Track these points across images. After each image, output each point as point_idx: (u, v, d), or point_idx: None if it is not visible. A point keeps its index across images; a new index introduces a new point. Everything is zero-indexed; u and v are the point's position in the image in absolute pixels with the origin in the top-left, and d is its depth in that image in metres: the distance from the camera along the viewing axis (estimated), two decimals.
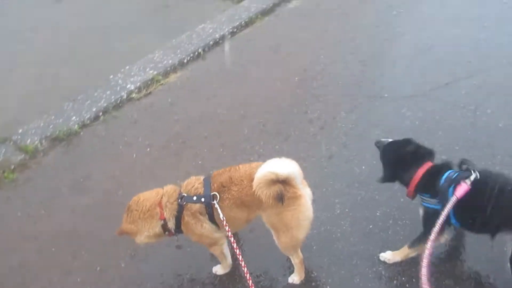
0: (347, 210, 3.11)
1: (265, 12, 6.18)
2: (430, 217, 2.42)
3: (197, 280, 2.86)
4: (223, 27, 5.82)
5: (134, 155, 3.96)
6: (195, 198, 2.53)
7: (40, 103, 4.61)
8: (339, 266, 2.78)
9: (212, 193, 2.50)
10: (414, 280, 2.56)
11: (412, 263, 2.61)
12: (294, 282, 2.74)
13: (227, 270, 2.86)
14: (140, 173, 3.75)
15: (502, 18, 5.04)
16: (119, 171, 3.80)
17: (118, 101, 4.66)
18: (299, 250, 2.65)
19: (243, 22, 5.92)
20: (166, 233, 2.63)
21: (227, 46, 5.51)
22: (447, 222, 2.37)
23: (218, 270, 2.87)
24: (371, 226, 2.98)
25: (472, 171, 2.34)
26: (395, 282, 2.64)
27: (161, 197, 2.60)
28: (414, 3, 5.63)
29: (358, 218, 3.04)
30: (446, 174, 2.41)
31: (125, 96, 4.71)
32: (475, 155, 3.16)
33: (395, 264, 2.70)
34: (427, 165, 2.50)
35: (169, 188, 2.65)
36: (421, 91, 4.07)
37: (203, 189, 2.55)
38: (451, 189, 2.33)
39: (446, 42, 4.72)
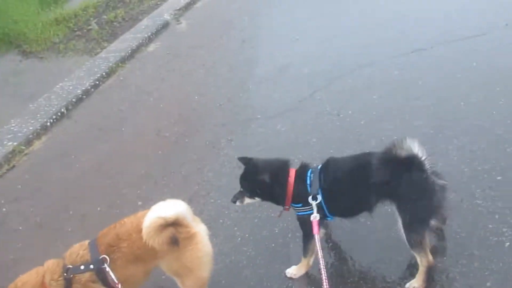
0: (247, 235, 3.08)
1: (124, 60, 6.09)
2: (306, 222, 2.49)
3: None
4: (84, 81, 5.58)
5: (9, 237, 3.51)
6: (82, 267, 2.28)
7: None
8: None
9: (100, 257, 2.28)
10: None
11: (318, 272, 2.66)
12: None
13: None
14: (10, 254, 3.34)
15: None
16: None
17: None
18: None
19: (104, 73, 5.75)
20: None
21: (92, 99, 5.29)
22: (322, 218, 2.46)
23: None
24: (273, 245, 2.98)
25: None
26: None
27: (43, 276, 2.28)
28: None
29: (259, 240, 3.03)
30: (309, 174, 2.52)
31: None
32: (348, 152, 3.39)
33: (303, 276, 2.72)
34: (293, 171, 2.56)
35: (50, 263, 2.35)
36: (290, 106, 4.28)
37: (89, 254, 2.31)
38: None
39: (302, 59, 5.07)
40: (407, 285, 2.45)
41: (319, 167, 2.56)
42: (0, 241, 3.51)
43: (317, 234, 2.38)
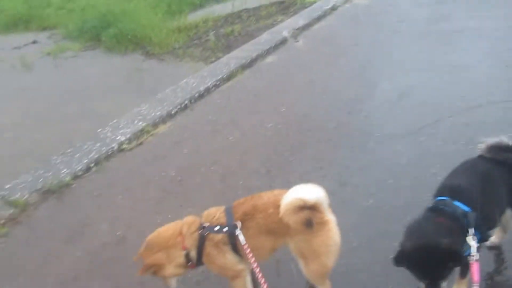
0: (364, 241, 3.10)
1: (244, 67, 6.43)
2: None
3: None
4: (206, 80, 5.97)
5: (132, 202, 3.83)
6: (217, 228, 2.46)
7: (23, 162, 4.48)
8: None
9: (234, 222, 2.44)
10: None
11: None
12: None
13: None
14: (140, 218, 3.62)
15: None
16: (118, 219, 3.65)
17: (110, 152, 4.57)
18: (327, 279, 2.57)
19: (224, 76, 6.11)
20: (189, 263, 2.50)
21: (212, 97, 5.64)
22: None
23: None
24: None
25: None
26: None
27: (181, 228, 2.52)
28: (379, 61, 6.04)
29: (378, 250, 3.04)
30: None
31: (116, 147, 4.63)
32: None
33: None
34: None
35: (189, 218, 2.57)
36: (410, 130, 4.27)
37: (225, 218, 2.48)
38: None
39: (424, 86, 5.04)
40: None
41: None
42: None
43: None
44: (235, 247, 2.45)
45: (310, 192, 2.33)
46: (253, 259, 2.37)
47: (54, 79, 6.74)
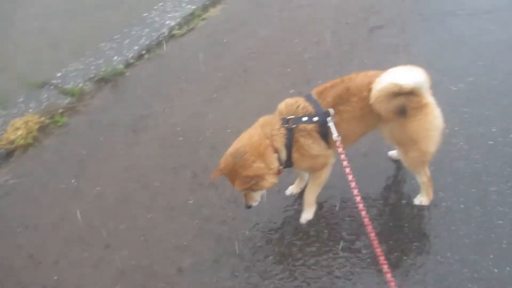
0: (456, 128, 2.80)
1: None
2: None
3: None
4: None
5: (196, 87, 3.58)
6: (305, 118, 2.19)
7: (68, 48, 4.17)
8: (467, 185, 2.50)
9: (327, 110, 2.17)
10: None
11: None
12: (423, 204, 2.44)
13: (314, 208, 2.49)
14: (205, 103, 3.41)
15: None
16: (181, 106, 3.44)
17: (160, 38, 4.22)
18: (427, 167, 2.34)
19: None
20: (280, 167, 2.26)
21: None
22: None
23: (307, 215, 2.49)
24: (490, 142, 2.69)
25: None
26: None
27: (262, 130, 2.23)
28: None
29: (473, 135, 2.75)
30: None
31: (166, 33, 4.27)
32: None
33: None
34: None
35: (264, 119, 2.28)
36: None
37: (311, 107, 2.20)
38: None
39: None
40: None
41: None
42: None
43: None
44: (325, 135, 2.22)
45: (409, 76, 2.01)
46: (341, 149, 2.13)
47: None
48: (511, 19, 3.61)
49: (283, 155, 2.23)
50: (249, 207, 2.36)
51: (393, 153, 2.67)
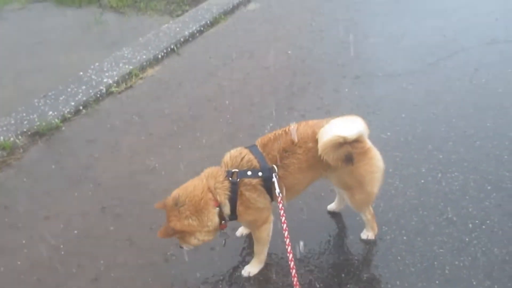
0: (391, 170, 3.03)
1: (227, 13, 6.12)
2: None
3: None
4: (190, 25, 5.62)
5: (134, 140, 3.56)
6: (249, 173, 2.16)
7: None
8: (407, 219, 2.66)
9: (271, 166, 2.17)
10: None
11: None
12: (369, 238, 2.54)
13: (261, 266, 2.45)
14: (144, 157, 3.38)
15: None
16: (120, 159, 3.37)
17: (98, 95, 4.20)
18: (371, 206, 2.48)
19: (208, 22, 5.78)
20: (222, 222, 2.20)
21: (198, 42, 5.32)
22: None
23: (251, 269, 2.44)
24: (422, 181, 2.93)
25: None
26: (468, 225, 2.58)
27: (207, 182, 2.18)
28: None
29: (407, 176, 2.98)
30: None
31: (104, 90, 4.27)
32: (484, 117, 3.46)
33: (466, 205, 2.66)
34: None
35: (209, 170, 2.24)
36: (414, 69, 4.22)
37: (255, 160, 2.19)
38: None
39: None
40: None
41: None
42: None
43: None
44: (269, 190, 2.21)
45: (351, 127, 2.13)
46: (281, 205, 2.13)
47: (1, 33, 5.97)
48: (422, 79, 4.06)
49: (227, 209, 2.18)
50: (181, 247, 2.29)
51: (331, 206, 2.76)
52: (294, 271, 1.98)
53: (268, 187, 2.20)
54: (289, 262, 2.02)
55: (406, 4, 5.67)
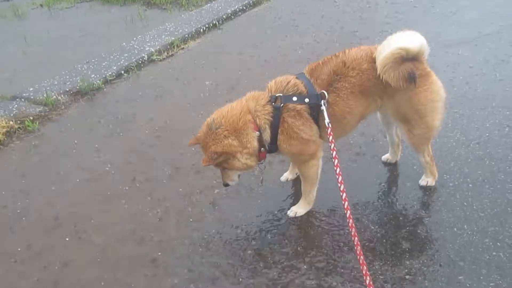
0: (450, 125, 2.77)
1: None
2: None
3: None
4: (233, 4, 5.56)
5: (173, 106, 3.43)
6: (295, 98, 1.99)
7: (44, 69, 4.06)
8: (471, 168, 2.40)
9: (319, 92, 1.99)
10: None
11: None
12: (429, 184, 2.29)
13: (309, 207, 2.25)
14: (185, 111, 3.28)
15: None
16: (158, 119, 3.26)
17: (140, 62, 4.15)
18: (430, 146, 2.23)
19: (251, 1, 5.69)
20: (262, 150, 2.03)
21: (240, 20, 5.23)
22: None
23: (299, 209, 2.24)
24: (487, 134, 2.66)
25: None
26: None
27: (247, 104, 2.03)
28: None
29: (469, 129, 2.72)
30: None
31: (146, 58, 4.22)
32: None
33: None
34: None
35: (252, 93, 2.09)
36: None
37: (302, 85, 2.02)
38: None
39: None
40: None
41: None
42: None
43: None
44: (317, 119, 2.02)
45: (413, 39, 1.94)
46: (331, 137, 1.93)
47: (51, 28, 6.11)
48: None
49: (267, 135, 2.00)
50: (226, 185, 2.12)
51: (386, 156, 2.54)
52: (349, 212, 1.76)
53: (316, 116, 2.00)
54: (343, 202, 1.79)
55: None
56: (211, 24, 5.03)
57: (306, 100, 1.99)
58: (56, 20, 6.37)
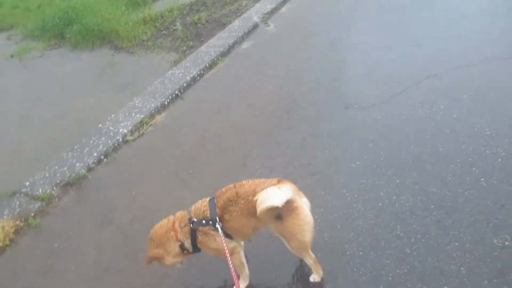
0: (356, 195, 3.70)
1: (223, 54, 6.89)
2: None
3: None
4: (191, 70, 6.40)
5: (150, 186, 4.29)
6: (204, 222, 2.89)
7: (33, 158, 4.88)
8: (364, 237, 3.33)
9: (216, 216, 2.85)
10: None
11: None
12: (316, 280, 3.07)
13: (247, 282, 3.11)
14: (159, 195, 4.12)
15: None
16: (139, 201, 4.11)
17: (116, 145, 4.98)
18: (310, 251, 2.97)
19: (207, 65, 6.55)
20: (185, 251, 2.97)
21: (198, 85, 6.09)
22: None
23: (241, 284, 3.06)
24: (380, 204, 3.59)
25: None
26: (411, 239, 3.23)
27: (173, 223, 2.97)
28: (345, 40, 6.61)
29: (368, 200, 3.64)
30: None
31: (121, 140, 5.05)
32: (441, 140, 4.08)
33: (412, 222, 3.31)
34: None
35: (179, 214, 3.01)
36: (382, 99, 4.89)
37: (208, 210, 2.89)
38: None
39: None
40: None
41: None
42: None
43: None
44: (223, 231, 2.87)
45: (280, 197, 2.64)
46: (227, 251, 2.76)
47: (25, 81, 6.63)
48: (391, 109, 4.72)
49: (188, 245, 2.94)
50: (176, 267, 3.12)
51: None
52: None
53: (222, 229, 2.86)
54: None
55: None
56: (173, 96, 5.87)
57: (210, 222, 2.87)
58: (28, 73, 6.85)
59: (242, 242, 3.11)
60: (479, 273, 2.89)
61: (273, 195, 2.65)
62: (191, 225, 2.90)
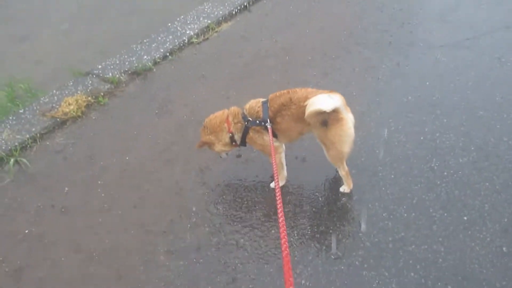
0: (400, 127, 3.83)
1: None
2: None
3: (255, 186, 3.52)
4: None
5: (207, 87, 4.59)
6: (257, 121, 3.13)
7: (103, 47, 5.25)
8: (399, 163, 3.51)
9: (268, 118, 3.08)
10: None
11: None
12: (345, 191, 3.34)
13: (284, 182, 3.41)
14: (214, 96, 4.43)
15: None
16: (195, 99, 4.44)
17: (181, 45, 5.25)
18: (345, 163, 3.20)
19: None
20: (233, 143, 3.28)
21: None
22: None
23: (281, 182, 3.36)
24: (421, 138, 3.71)
25: None
26: (444, 173, 3.37)
27: (227, 116, 3.24)
28: None
29: (411, 132, 3.77)
30: None
31: (186, 41, 5.30)
32: (501, 91, 4.05)
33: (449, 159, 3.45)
34: None
35: (233, 110, 3.26)
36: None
37: (261, 111, 3.10)
38: None
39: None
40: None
41: None
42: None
43: None
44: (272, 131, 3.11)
45: (329, 103, 2.80)
46: (273, 149, 2.94)
47: None
48: (457, 53, 4.65)
49: (237, 137, 3.24)
50: (220, 156, 3.52)
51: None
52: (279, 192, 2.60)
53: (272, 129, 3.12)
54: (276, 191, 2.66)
55: None
56: (242, 6, 5.98)
57: (262, 122, 3.13)
58: None
59: (284, 145, 3.36)
60: (501, 212, 3.05)
61: (323, 100, 2.83)
62: (246, 123, 3.17)
